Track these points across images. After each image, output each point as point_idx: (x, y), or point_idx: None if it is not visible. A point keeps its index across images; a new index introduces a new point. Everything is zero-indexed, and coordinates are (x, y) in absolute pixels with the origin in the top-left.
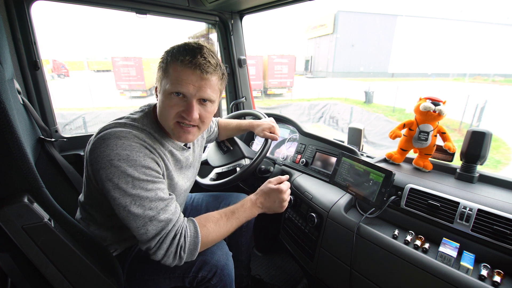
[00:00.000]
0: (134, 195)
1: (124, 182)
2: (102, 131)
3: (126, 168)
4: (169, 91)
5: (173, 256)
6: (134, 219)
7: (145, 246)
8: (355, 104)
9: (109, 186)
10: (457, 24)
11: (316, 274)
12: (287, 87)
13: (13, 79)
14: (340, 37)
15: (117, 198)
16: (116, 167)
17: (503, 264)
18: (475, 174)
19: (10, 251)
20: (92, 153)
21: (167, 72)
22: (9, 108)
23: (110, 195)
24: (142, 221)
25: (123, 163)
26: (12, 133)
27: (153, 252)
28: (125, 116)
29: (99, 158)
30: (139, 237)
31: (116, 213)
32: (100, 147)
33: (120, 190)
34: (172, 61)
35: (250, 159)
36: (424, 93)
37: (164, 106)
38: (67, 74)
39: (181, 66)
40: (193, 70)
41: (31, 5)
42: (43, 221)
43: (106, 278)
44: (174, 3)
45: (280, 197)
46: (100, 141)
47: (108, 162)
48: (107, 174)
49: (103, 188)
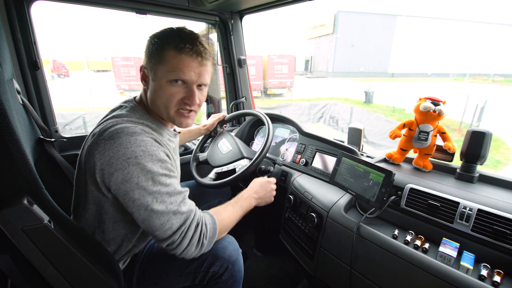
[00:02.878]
0: (155, 192)
1: (144, 180)
2: (105, 130)
3: (145, 164)
4: (170, 78)
5: (196, 244)
6: (157, 216)
7: (168, 241)
8: (355, 104)
9: (127, 188)
10: (457, 24)
11: (316, 274)
12: (287, 87)
13: (13, 79)
14: (340, 37)
15: (137, 199)
16: (135, 165)
17: (503, 264)
18: (475, 174)
19: (10, 253)
20: (103, 156)
21: (162, 59)
22: (9, 109)
23: (128, 197)
24: (166, 217)
25: (141, 160)
26: (11, 135)
27: (177, 245)
28: (114, 115)
29: (113, 160)
30: (162, 234)
31: (134, 215)
32: (112, 148)
33: (140, 189)
34: (168, 48)
35: (250, 159)
36: (424, 93)
37: (164, 94)
38: (67, 74)
39: (181, 54)
40: (194, 57)
41: (31, 5)
42: (43, 223)
43: (106, 280)
44: (174, 3)
45: (270, 187)
46: (109, 142)
47: (125, 162)
48: (124, 175)
49: (117, 192)
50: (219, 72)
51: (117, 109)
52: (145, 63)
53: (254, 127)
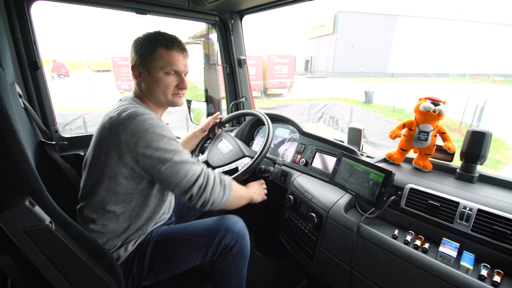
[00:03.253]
0: (173, 150)
1: (162, 143)
2: (123, 112)
3: (160, 131)
4: (165, 71)
5: (220, 184)
6: (181, 166)
7: (195, 186)
8: (355, 104)
9: (150, 151)
10: (457, 24)
11: (316, 274)
12: (287, 87)
13: (15, 83)
14: (340, 37)
15: (161, 157)
16: (152, 133)
17: (503, 264)
18: (475, 174)
19: (11, 253)
20: (125, 130)
21: (156, 57)
22: (11, 111)
23: (152, 158)
24: (188, 165)
25: (157, 129)
26: (14, 137)
27: (204, 187)
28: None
29: (135, 131)
30: (188, 182)
31: (160, 176)
32: (132, 123)
33: (160, 150)
34: (160, 47)
35: (251, 158)
36: (424, 93)
37: (163, 84)
38: (67, 74)
39: (172, 51)
40: (180, 53)
41: (31, 5)
42: (44, 224)
43: (106, 280)
44: (174, 3)
45: (263, 185)
46: (130, 120)
47: (145, 131)
48: (146, 141)
49: (142, 158)
50: (219, 72)
51: (121, 101)
52: (138, 62)
53: (254, 127)
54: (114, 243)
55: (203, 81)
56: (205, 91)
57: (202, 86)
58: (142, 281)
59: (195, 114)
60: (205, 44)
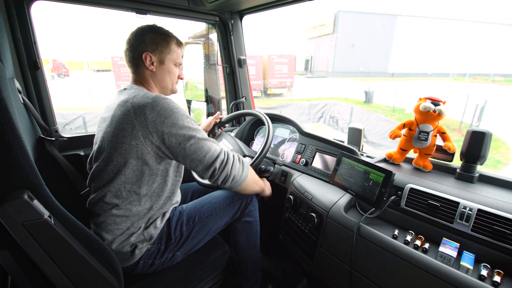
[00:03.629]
0: (197, 129)
1: (187, 121)
2: (145, 96)
3: (184, 112)
4: (176, 62)
5: (239, 160)
6: (204, 143)
7: (219, 160)
8: (355, 104)
9: (176, 130)
10: (457, 24)
11: (316, 274)
12: (287, 87)
13: (14, 78)
14: (340, 37)
15: (185, 134)
16: (177, 113)
17: (503, 264)
18: (475, 174)
19: (10, 248)
20: (152, 111)
21: (170, 50)
22: (10, 105)
23: (178, 135)
24: (210, 142)
25: (180, 110)
26: (13, 130)
27: (226, 161)
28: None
29: (161, 112)
30: (211, 156)
31: (187, 152)
32: (158, 104)
33: (185, 128)
34: (173, 43)
35: (251, 158)
36: (424, 93)
37: (173, 73)
38: (67, 74)
39: (180, 48)
40: (183, 50)
41: (31, 5)
42: (43, 218)
43: (105, 276)
44: (174, 3)
45: (268, 185)
46: (155, 101)
47: (170, 111)
48: (172, 119)
49: (168, 136)
50: (219, 72)
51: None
52: (152, 51)
53: (254, 127)
54: (139, 225)
55: (203, 81)
56: (205, 91)
57: (202, 86)
58: (180, 248)
59: (195, 114)
60: (205, 44)
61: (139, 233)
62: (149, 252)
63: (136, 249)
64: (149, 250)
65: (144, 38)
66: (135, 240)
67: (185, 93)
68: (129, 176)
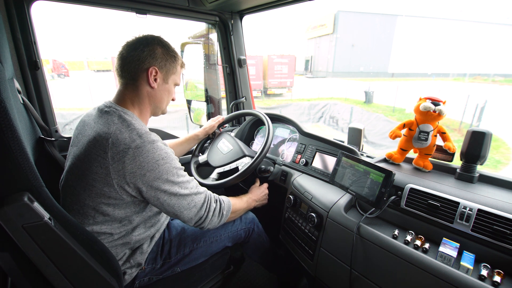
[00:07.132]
0: (180, 182)
1: (171, 175)
2: (128, 135)
3: (171, 163)
4: (177, 84)
5: (218, 214)
6: (184, 199)
7: (197, 217)
8: (355, 104)
9: (158, 184)
10: (457, 24)
11: (316, 274)
12: (287, 87)
13: (13, 78)
14: (340, 37)
15: (167, 190)
16: (163, 165)
17: (503, 264)
18: (475, 174)
19: (10, 251)
20: (134, 161)
21: (175, 71)
22: (9, 107)
23: (159, 190)
24: (190, 198)
25: (167, 160)
26: (12, 132)
27: (204, 218)
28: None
29: (144, 163)
30: (189, 213)
31: (163, 205)
32: (141, 155)
33: (169, 182)
34: (178, 64)
35: (251, 158)
36: (424, 93)
37: (170, 94)
38: (67, 74)
39: (182, 69)
40: (182, 71)
41: (31, 5)
42: (43, 220)
43: (106, 278)
44: (174, 3)
45: (265, 191)
46: (138, 151)
47: (156, 163)
48: (155, 174)
49: (147, 189)
50: (219, 72)
51: (105, 114)
52: (160, 67)
53: (254, 127)
54: (122, 251)
55: (203, 81)
56: (205, 91)
57: (202, 86)
58: (178, 264)
59: (195, 114)
60: (205, 44)
61: (124, 260)
62: (144, 273)
63: (125, 275)
64: (143, 271)
65: (154, 51)
66: (121, 267)
67: (185, 93)
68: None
